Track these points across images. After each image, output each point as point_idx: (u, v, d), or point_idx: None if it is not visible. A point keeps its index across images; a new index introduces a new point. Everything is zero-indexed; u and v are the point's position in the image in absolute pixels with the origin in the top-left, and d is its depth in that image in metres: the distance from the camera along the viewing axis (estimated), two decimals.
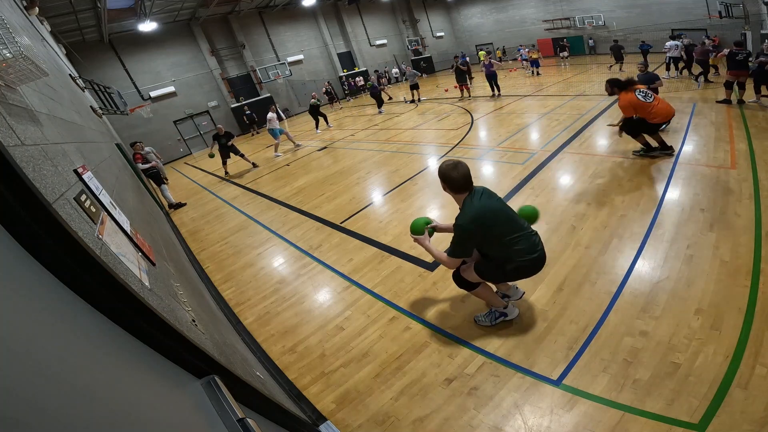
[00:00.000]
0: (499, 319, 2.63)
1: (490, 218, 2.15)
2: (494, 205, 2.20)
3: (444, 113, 10.89)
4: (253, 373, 1.94)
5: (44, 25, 8.25)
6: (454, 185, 2.17)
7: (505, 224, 2.20)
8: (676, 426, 1.77)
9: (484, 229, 2.15)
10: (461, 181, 2.15)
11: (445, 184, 2.21)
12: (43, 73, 1.44)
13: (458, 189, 2.18)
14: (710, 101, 7.27)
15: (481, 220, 2.13)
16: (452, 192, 2.22)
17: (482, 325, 2.66)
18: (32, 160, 1.02)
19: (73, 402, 0.61)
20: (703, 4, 14.90)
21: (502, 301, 2.62)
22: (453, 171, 2.14)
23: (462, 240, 2.20)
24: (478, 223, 2.12)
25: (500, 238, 2.19)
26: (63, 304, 0.79)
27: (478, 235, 2.16)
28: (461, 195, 2.20)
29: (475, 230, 2.14)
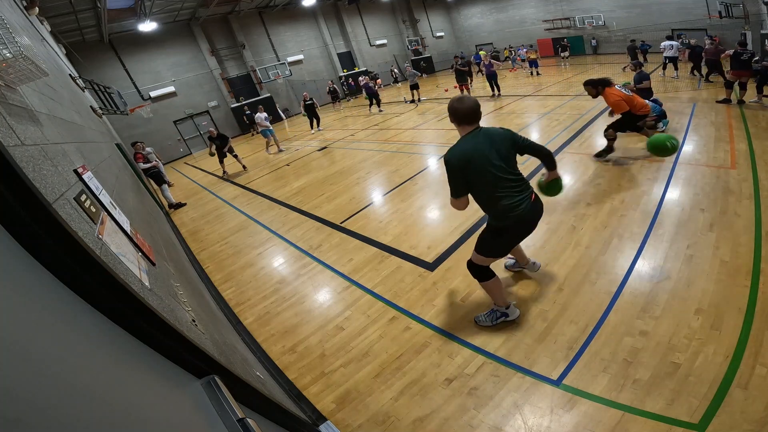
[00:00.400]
0: (500, 319, 2.62)
1: (476, 159, 2.13)
2: (484, 149, 2.15)
3: (444, 113, 10.88)
4: (253, 373, 1.94)
5: (44, 25, 8.25)
6: (457, 116, 2.20)
7: (490, 173, 2.16)
8: (676, 426, 1.77)
9: (466, 169, 2.15)
10: (463, 113, 2.17)
11: (450, 116, 2.25)
12: (43, 73, 1.44)
13: (460, 120, 2.21)
14: (710, 101, 7.27)
15: (465, 158, 2.13)
16: (456, 123, 2.25)
17: (482, 325, 2.66)
18: (32, 160, 1.02)
19: (73, 402, 0.61)
20: (703, 4, 14.90)
21: (506, 300, 2.62)
22: (458, 102, 2.19)
23: (449, 176, 2.22)
24: (461, 160, 2.14)
25: (485, 186, 2.20)
26: (63, 304, 0.79)
27: (460, 173, 2.17)
28: (465, 128, 2.22)
29: (457, 166, 2.15)
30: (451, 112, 2.24)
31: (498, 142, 2.20)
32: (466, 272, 3.30)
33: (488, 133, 2.21)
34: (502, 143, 2.21)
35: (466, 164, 2.14)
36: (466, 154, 2.15)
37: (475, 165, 2.14)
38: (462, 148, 2.17)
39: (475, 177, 2.18)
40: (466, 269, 3.32)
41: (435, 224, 4.40)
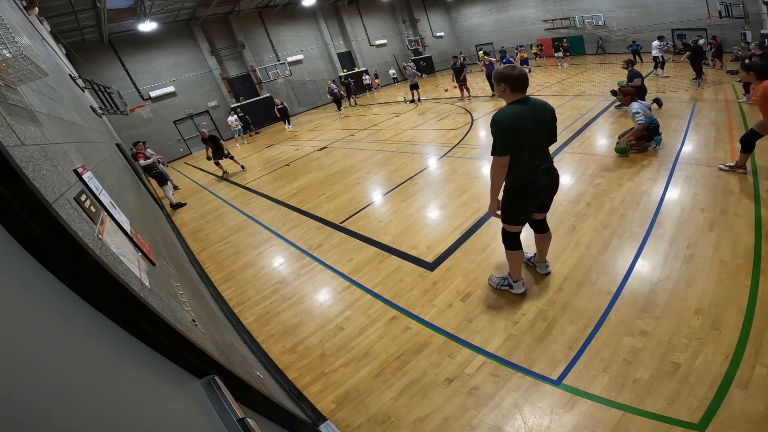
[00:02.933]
0: (504, 286, 2.93)
1: (521, 123, 2.27)
2: (530, 115, 2.30)
3: (444, 113, 10.89)
4: (253, 373, 1.95)
5: (44, 25, 8.25)
6: (509, 82, 2.28)
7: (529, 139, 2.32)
8: (676, 426, 1.78)
9: (514, 131, 2.27)
10: (515, 79, 2.27)
11: (505, 84, 2.30)
12: (43, 73, 1.44)
13: (513, 87, 2.29)
14: (710, 101, 7.27)
15: (513, 120, 2.27)
16: (508, 90, 2.31)
17: (490, 284, 3.02)
18: (32, 160, 1.02)
19: (73, 402, 0.61)
20: (703, 4, 14.90)
21: (519, 275, 2.85)
22: (510, 70, 2.29)
23: (496, 135, 2.31)
24: (510, 121, 2.26)
25: (520, 148, 2.33)
26: (63, 304, 0.79)
27: (509, 132, 2.28)
28: (515, 95, 2.31)
29: (506, 126, 2.26)
30: (502, 79, 2.30)
31: (542, 113, 2.37)
32: (466, 272, 3.31)
33: (535, 103, 2.35)
34: (544, 114, 2.38)
35: (514, 126, 2.27)
36: (515, 117, 2.27)
37: (519, 128, 2.28)
38: (512, 111, 2.29)
39: (519, 136, 2.30)
40: (466, 269, 3.36)
41: (435, 224, 4.40)
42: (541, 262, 3.05)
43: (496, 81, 2.35)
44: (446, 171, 6.10)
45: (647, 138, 5.16)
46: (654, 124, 5.14)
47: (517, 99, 2.32)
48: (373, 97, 19.95)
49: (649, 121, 5.09)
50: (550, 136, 2.47)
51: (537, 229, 2.87)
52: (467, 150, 6.97)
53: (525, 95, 2.34)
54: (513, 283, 2.87)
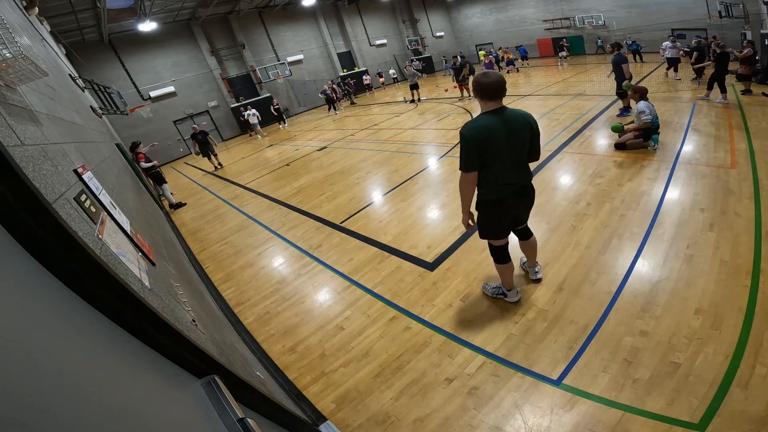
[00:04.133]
0: (498, 295, 2.87)
1: (491, 137, 2.15)
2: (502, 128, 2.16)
3: (444, 113, 10.89)
4: (253, 373, 1.95)
5: (44, 25, 8.25)
6: (480, 90, 2.17)
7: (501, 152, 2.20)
8: (677, 426, 1.78)
9: (481, 145, 2.16)
10: (486, 87, 2.14)
11: (476, 92, 2.21)
12: (43, 73, 1.44)
13: (482, 95, 2.17)
14: (710, 101, 7.27)
15: (481, 134, 2.15)
16: (479, 98, 2.22)
17: (484, 293, 2.96)
18: (32, 160, 1.02)
19: (73, 402, 0.61)
20: (703, 4, 14.89)
21: (511, 285, 2.79)
22: (482, 77, 2.17)
23: (463, 149, 2.22)
24: (478, 135, 2.15)
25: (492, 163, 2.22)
26: (63, 304, 0.79)
27: (475, 147, 2.17)
28: (487, 104, 2.19)
29: (473, 140, 2.16)
30: (474, 87, 2.21)
31: (517, 124, 2.21)
32: (466, 272, 3.31)
33: (509, 114, 2.21)
34: (520, 127, 2.22)
35: (483, 140, 2.16)
36: (483, 131, 2.16)
37: (489, 142, 2.16)
38: (480, 124, 2.17)
39: (486, 152, 2.19)
40: (466, 269, 3.36)
41: (435, 224, 4.40)
42: (531, 268, 3.00)
43: (473, 89, 2.25)
44: (446, 171, 6.10)
45: (645, 137, 5.21)
46: (656, 124, 5.21)
47: (489, 109, 2.20)
48: (373, 96, 19.96)
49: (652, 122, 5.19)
50: (531, 151, 2.33)
51: (520, 236, 2.80)
52: None
53: (500, 105, 2.20)
54: (507, 291, 2.81)
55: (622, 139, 5.36)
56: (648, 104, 5.31)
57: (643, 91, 5.50)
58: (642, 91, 5.51)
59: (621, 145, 5.35)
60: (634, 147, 5.27)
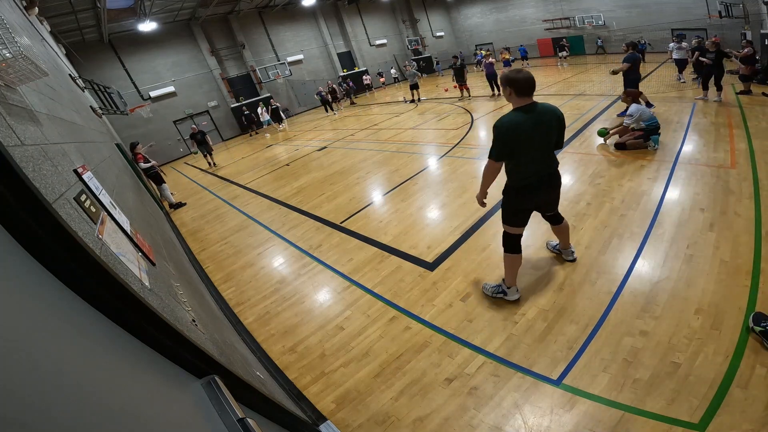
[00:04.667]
0: (498, 294, 2.87)
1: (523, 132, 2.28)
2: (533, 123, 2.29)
3: (444, 113, 10.89)
4: (253, 373, 1.95)
5: (44, 25, 8.25)
6: (515, 86, 2.26)
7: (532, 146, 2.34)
8: (677, 426, 1.77)
9: (513, 138, 2.29)
10: (521, 83, 2.24)
11: (510, 88, 2.29)
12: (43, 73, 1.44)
13: (518, 91, 2.26)
14: (710, 101, 7.27)
15: (514, 129, 2.27)
16: (513, 94, 2.29)
17: (484, 293, 2.96)
18: (32, 160, 1.02)
19: (73, 402, 0.61)
20: (703, 4, 14.90)
21: (513, 282, 2.82)
22: (515, 73, 2.27)
23: (495, 140, 2.33)
24: (510, 129, 2.28)
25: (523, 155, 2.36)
26: (63, 304, 0.79)
27: (506, 139, 2.30)
28: (521, 100, 2.28)
29: (505, 134, 2.28)
30: (508, 82, 2.28)
31: (548, 119, 2.35)
32: (466, 272, 3.31)
33: (542, 109, 2.33)
34: (550, 120, 2.36)
35: (515, 135, 2.28)
36: (515, 126, 2.28)
37: (521, 136, 2.29)
38: (514, 119, 2.28)
39: (516, 146, 2.32)
40: (466, 269, 3.36)
41: (435, 224, 4.40)
42: (566, 249, 3.14)
43: (503, 85, 2.34)
44: (446, 171, 6.10)
45: (644, 138, 5.23)
46: (653, 124, 5.23)
47: (522, 104, 2.30)
48: (373, 96, 19.96)
49: (649, 123, 5.21)
50: (556, 141, 2.48)
51: (552, 222, 2.95)
52: (467, 150, 6.97)
53: (531, 100, 2.31)
54: (507, 290, 2.83)
55: (623, 139, 5.38)
56: (639, 108, 5.36)
57: (635, 95, 5.57)
58: (634, 94, 5.58)
59: (621, 145, 5.37)
60: (635, 147, 5.28)
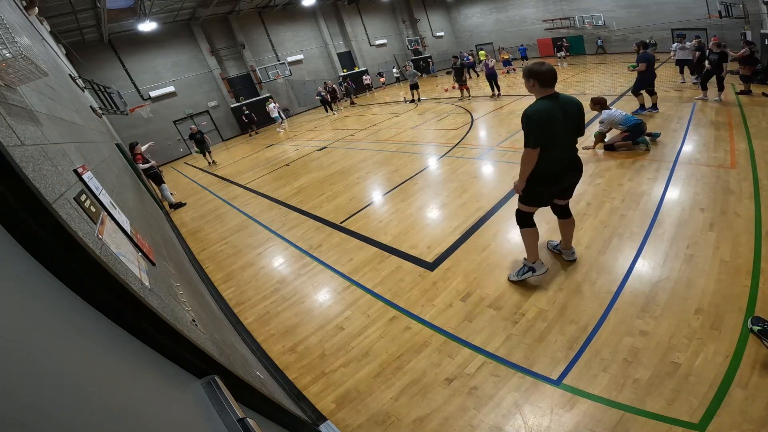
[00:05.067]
0: (526, 273, 2.95)
1: (551, 118, 2.40)
2: (559, 110, 2.42)
3: (444, 113, 10.89)
4: (253, 373, 1.95)
5: (44, 25, 8.25)
6: (539, 77, 2.38)
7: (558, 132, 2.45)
8: (677, 426, 1.78)
9: (543, 125, 2.40)
10: (545, 75, 2.37)
11: (534, 80, 2.41)
12: (42, 73, 1.44)
13: (542, 82, 2.40)
14: (710, 101, 7.26)
15: (543, 115, 2.39)
16: (538, 85, 2.41)
17: (512, 281, 3.01)
18: (32, 160, 1.02)
19: (73, 402, 0.61)
20: (703, 4, 14.89)
21: (537, 254, 2.93)
22: (538, 66, 2.39)
23: (529, 129, 2.44)
24: (541, 116, 2.39)
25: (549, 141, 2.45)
26: (63, 304, 0.79)
27: (539, 126, 2.40)
28: (544, 90, 2.42)
29: (537, 121, 2.39)
30: (531, 75, 2.41)
31: (571, 108, 2.49)
32: (466, 272, 3.31)
33: (564, 99, 2.48)
34: (573, 110, 2.50)
35: (544, 121, 2.40)
36: (545, 112, 2.40)
37: (548, 122, 2.40)
38: (542, 107, 2.41)
39: (549, 131, 2.43)
40: (466, 269, 3.36)
41: (435, 224, 4.40)
42: (567, 249, 3.15)
43: (526, 77, 2.45)
44: (446, 171, 6.10)
45: (631, 139, 5.22)
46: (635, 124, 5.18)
47: (546, 94, 2.43)
48: (373, 96, 19.96)
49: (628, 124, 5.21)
50: (577, 130, 2.59)
51: (560, 214, 2.99)
52: (467, 150, 6.97)
53: (554, 91, 2.44)
54: (532, 265, 2.94)
55: (610, 140, 5.39)
56: (609, 113, 5.40)
57: (602, 102, 5.58)
58: (601, 101, 5.59)
59: (609, 146, 5.38)
60: (623, 148, 5.29)
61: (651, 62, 6.88)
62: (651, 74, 6.91)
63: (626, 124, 5.22)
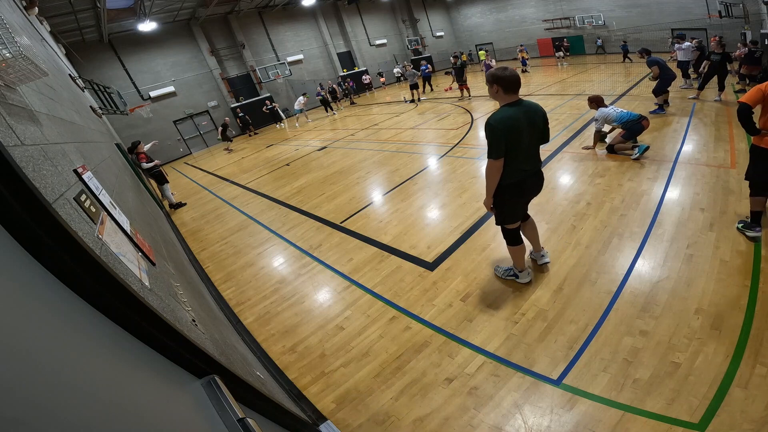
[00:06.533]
0: (510, 276, 3.03)
1: (514, 126, 2.33)
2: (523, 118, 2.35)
3: (444, 113, 10.89)
4: (253, 373, 1.95)
5: (44, 25, 8.24)
6: (502, 83, 2.32)
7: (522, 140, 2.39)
8: (677, 425, 1.78)
9: (507, 134, 2.33)
10: (507, 81, 2.31)
11: (497, 86, 2.35)
12: (42, 73, 1.44)
13: (505, 88, 2.34)
14: (710, 101, 7.27)
15: (507, 124, 2.32)
16: (501, 91, 2.36)
17: (496, 274, 3.12)
18: (32, 160, 1.01)
19: (73, 402, 0.61)
20: (703, 4, 14.89)
21: (523, 266, 2.95)
22: (501, 71, 2.33)
23: (492, 138, 2.36)
24: (504, 125, 2.32)
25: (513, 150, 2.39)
26: (63, 304, 0.79)
27: (503, 136, 2.33)
28: (508, 96, 2.36)
29: (500, 130, 2.32)
30: (494, 80, 2.35)
31: (535, 116, 2.42)
32: (466, 272, 3.31)
33: (528, 106, 2.41)
34: (536, 117, 2.43)
35: (508, 129, 2.33)
36: (508, 121, 2.33)
37: (513, 131, 2.34)
38: (505, 115, 2.34)
39: (512, 140, 2.36)
40: (466, 269, 3.36)
41: (435, 224, 4.40)
42: (537, 252, 3.13)
43: (489, 83, 2.39)
44: (446, 171, 6.10)
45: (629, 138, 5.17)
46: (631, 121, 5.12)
47: (510, 101, 2.37)
48: (373, 96, 19.96)
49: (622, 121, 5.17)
50: (542, 137, 2.53)
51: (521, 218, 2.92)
52: (467, 150, 6.96)
53: (518, 97, 2.38)
54: (519, 273, 2.96)
55: (611, 142, 5.37)
56: (603, 111, 5.40)
57: (598, 100, 5.58)
58: (597, 100, 5.60)
59: (610, 147, 5.36)
60: (623, 150, 5.25)
61: (662, 63, 6.85)
62: (670, 73, 6.89)
63: (620, 121, 5.19)
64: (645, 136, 5.45)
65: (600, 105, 5.53)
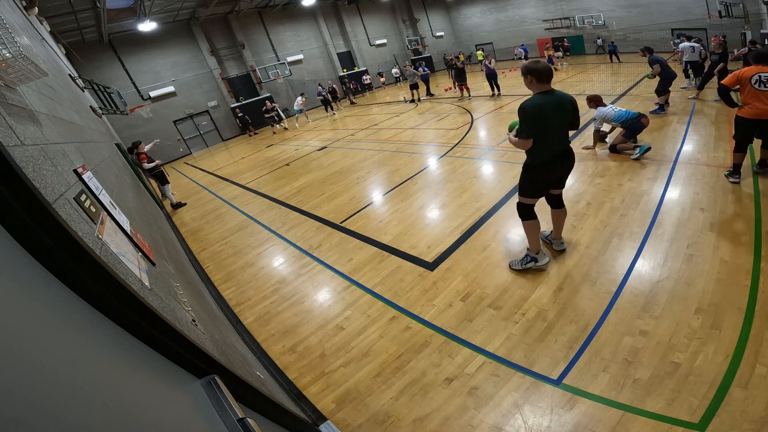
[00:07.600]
0: (529, 263, 3.09)
1: (545, 112, 2.55)
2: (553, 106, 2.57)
3: (444, 113, 10.89)
4: (253, 373, 1.95)
5: (44, 25, 8.24)
6: (536, 74, 2.55)
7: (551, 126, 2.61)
8: (677, 425, 1.78)
9: (537, 119, 2.56)
10: (541, 72, 2.55)
11: (531, 76, 2.58)
12: (42, 73, 1.44)
13: (539, 78, 2.56)
14: (710, 100, 7.27)
15: (538, 109, 2.55)
16: (535, 81, 2.58)
17: (514, 269, 3.15)
18: (32, 160, 1.01)
19: (73, 402, 0.61)
20: (703, 4, 14.90)
21: (539, 245, 3.09)
22: (536, 64, 2.58)
23: (523, 121, 2.60)
24: (535, 110, 2.55)
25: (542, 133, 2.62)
26: (63, 304, 0.79)
27: (533, 119, 2.56)
28: (540, 86, 2.58)
29: (531, 114, 2.55)
30: (529, 72, 2.58)
31: (565, 104, 2.63)
32: (466, 272, 3.31)
33: (559, 95, 2.62)
34: (567, 105, 2.65)
35: (538, 114, 2.55)
36: (540, 106, 2.55)
37: (543, 116, 2.56)
38: (537, 101, 2.57)
39: (541, 125, 2.59)
40: (466, 269, 3.36)
41: (435, 224, 4.40)
42: (557, 239, 3.29)
43: (524, 74, 2.62)
44: (446, 171, 6.10)
45: (630, 137, 5.17)
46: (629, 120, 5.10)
47: (543, 90, 2.59)
48: (373, 96, 19.96)
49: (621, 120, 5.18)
50: (572, 123, 2.74)
51: (553, 204, 3.13)
52: (467, 150, 6.96)
53: (550, 87, 2.60)
54: (536, 256, 3.07)
55: (613, 142, 5.37)
56: (601, 110, 5.40)
57: (597, 99, 5.61)
58: (596, 99, 5.62)
59: (613, 147, 5.36)
60: (624, 150, 5.25)
61: (663, 62, 6.86)
62: (670, 72, 6.89)
63: (619, 120, 5.18)
64: (645, 136, 5.46)
65: (599, 104, 5.54)
